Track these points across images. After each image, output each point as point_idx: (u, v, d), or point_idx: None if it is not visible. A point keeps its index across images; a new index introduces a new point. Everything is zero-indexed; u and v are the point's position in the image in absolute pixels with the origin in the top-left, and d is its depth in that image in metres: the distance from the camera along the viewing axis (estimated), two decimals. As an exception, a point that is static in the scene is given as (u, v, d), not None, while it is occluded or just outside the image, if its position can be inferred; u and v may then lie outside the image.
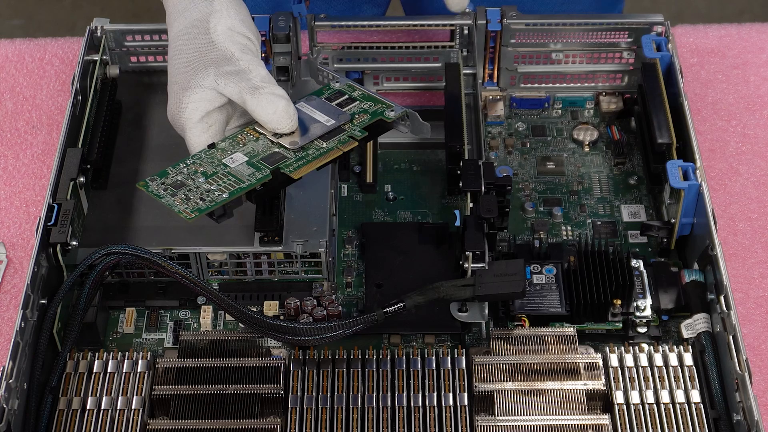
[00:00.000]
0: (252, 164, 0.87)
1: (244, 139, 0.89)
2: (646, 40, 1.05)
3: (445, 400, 0.87)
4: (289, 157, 0.88)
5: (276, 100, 0.88)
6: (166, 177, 0.87)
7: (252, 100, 0.87)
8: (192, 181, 0.86)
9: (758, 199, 1.07)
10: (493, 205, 0.93)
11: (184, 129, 0.89)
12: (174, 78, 0.90)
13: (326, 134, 0.90)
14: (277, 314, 0.95)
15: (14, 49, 1.21)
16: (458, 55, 1.08)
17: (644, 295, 0.93)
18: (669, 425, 0.85)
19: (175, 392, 0.87)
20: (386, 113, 0.92)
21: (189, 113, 0.88)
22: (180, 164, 0.88)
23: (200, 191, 0.85)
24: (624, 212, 1.03)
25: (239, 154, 0.88)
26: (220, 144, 0.89)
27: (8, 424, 0.83)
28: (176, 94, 0.89)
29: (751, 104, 1.15)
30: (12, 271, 1.02)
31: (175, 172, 0.87)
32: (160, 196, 0.86)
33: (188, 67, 0.89)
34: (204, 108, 0.88)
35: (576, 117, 1.12)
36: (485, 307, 0.92)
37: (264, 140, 0.89)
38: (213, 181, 0.86)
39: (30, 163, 1.11)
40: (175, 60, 0.91)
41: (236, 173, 0.86)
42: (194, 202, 0.85)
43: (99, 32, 1.08)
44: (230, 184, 0.86)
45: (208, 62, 0.89)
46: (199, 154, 0.88)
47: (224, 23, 0.90)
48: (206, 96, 0.88)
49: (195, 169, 0.87)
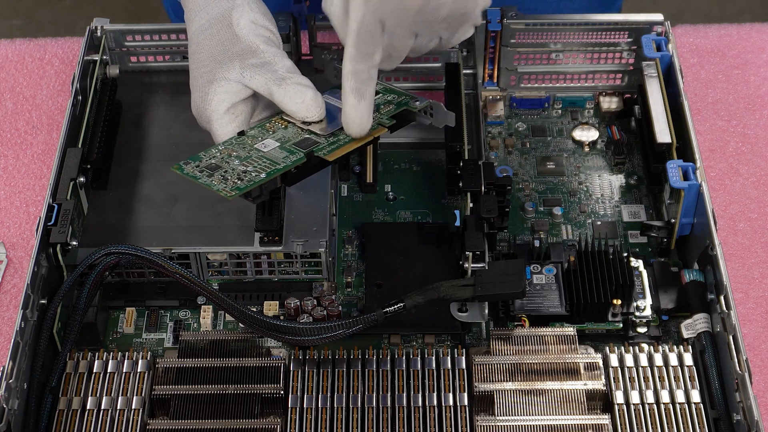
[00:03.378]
0: (285, 149, 0.88)
1: (273, 127, 0.91)
2: (646, 40, 1.05)
3: (445, 400, 0.87)
4: (321, 141, 0.89)
5: (303, 90, 0.89)
6: (200, 161, 0.88)
7: (279, 91, 0.89)
8: (227, 164, 0.87)
9: (758, 199, 1.07)
10: (493, 205, 0.93)
11: (210, 121, 0.90)
12: (198, 72, 0.91)
13: None
14: (277, 314, 0.95)
15: (14, 49, 1.21)
16: (458, 55, 1.08)
17: (644, 295, 0.93)
18: (669, 425, 0.85)
19: (175, 392, 0.87)
20: (411, 104, 0.94)
21: (215, 105, 0.89)
22: (212, 150, 0.89)
23: (237, 172, 0.86)
24: (624, 212, 1.03)
25: (270, 140, 0.89)
26: (250, 132, 0.90)
27: (8, 424, 0.83)
28: (201, 87, 0.90)
29: (751, 104, 1.15)
30: (12, 271, 1.02)
31: (209, 156, 0.88)
32: (197, 177, 0.87)
33: (213, 61, 0.90)
34: (230, 100, 0.89)
35: (576, 117, 1.12)
36: (485, 307, 0.92)
37: (293, 128, 0.91)
38: (248, 164, 0.87)
39: (30, 163, 1.11)
40: (199, 55, 0.92)
41: (270, 156, 0.88)
42: (232, 182, 0.86)
43: (99, 32, 1.08)
44: (266, 166, 0.87)
45: (232, 55, 0.90)
46: (230, 140, 0.89)
47: (247, 17, 0.92)
48: (232, 88, 0.89)
49: (228, 153, 0.88)
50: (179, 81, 1.08)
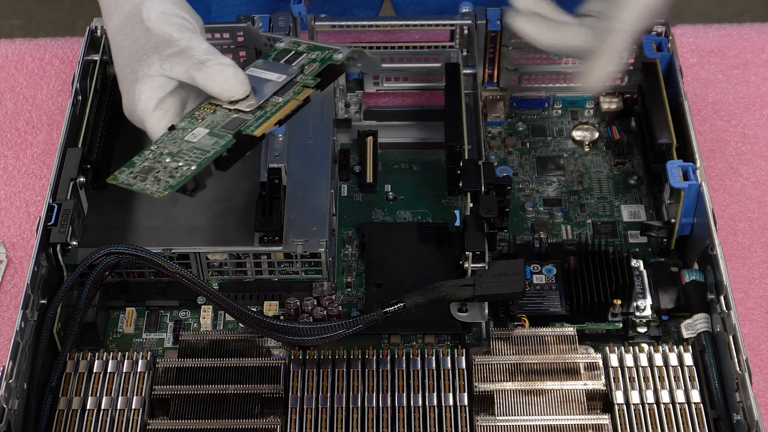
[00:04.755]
0: (214, 134, 0.86)
1: (201, 114, 0.88)
2: (646, 40, 1.05)
3: (445, 400, 0.87)
4: (248, 118, 0.87)
5: (224, 69, 0.87)
6: (133, 167, 0.86)
7: (200, 75, 0.87)
8: (159, 164, 0.85)
9: (758, 199, 1.07)
10: (493, 205, 0.93)
11: (142, 121, 0.88)
12: (122, 74, 0.89)
13: (280, 90, 0.89)
14: (277, 314, 0.95)
15: (14, 49, 1.21)
16: (458, 55, 1.08)
17: (644, 295, 0.93)
18: (669, 425, 0.85)
19: (175, 392, 0.87)
20: (334, 57, 0.91)
21: (143, 104, 0.87)
22: (145, 152, 0.86)
23: (168, 170, 0.84)
24: (624, 212, 1.03)
25: (200, 128, 0.87)
26: (179, 124, 0.88)
27: (8, 424, 0.83)
28: (127, 89, 0.88)
29: (751, 104, 1.15)
30: (12, 271, 1.02)
31: (142, 160, 0.86)
32: (131, 185, 0.84)
33: (132, 60, 0.88)
34: (157, 96, 0.87)
35: (576, 117, 1.12)
36: (485, 307, 0.92)
37: (221, 110, 0.88)
38: (179, 158, 0.85)
39: (30, 163, 1.11)
40: (119, 57, 0.90)
41: (200, 146, 0.85)
42: (164, 181, 0.83)
43: (99, 32, 1.08)
44: (196, 157, 0.85)
45: (149, 50, 0.88)
46: (161, 138, 0.87)
47: (156, 8, 0.89)
48: (156, 84, 0.87)
49: (160, 152, 0.86)
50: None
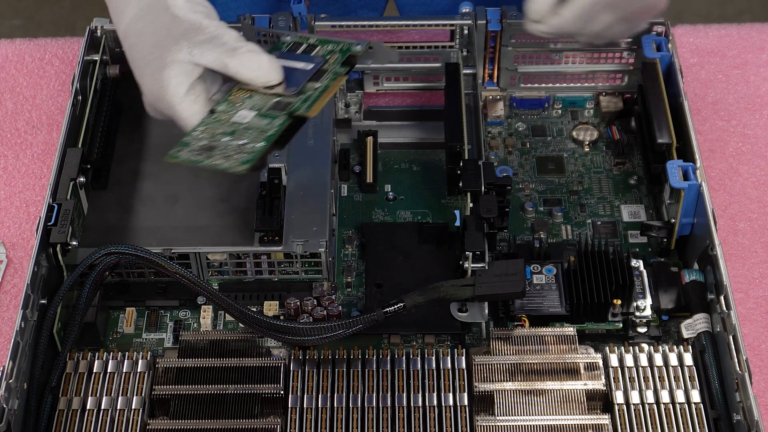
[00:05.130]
0: (265, 115, 0.86)
1: (236, 99, 0.88)
2: (646, 40, 1.05)
3: (445, 400, 0.87)
4: (293, 101, 0.87)
5: (258, 56, 0.87)
6: (187, 146, 0.85)
7: (234, 62, 0.86)
8: (218, 143, 0.85)
9: (758, 199, 1.07)
10: (493, 205, 0.93)
11: (172, 106, 0.87)
12: (144, 61, 0.88)
13: (313, 77, 0.89)
14: (277, 314, 0.95)
15: (14, 49, 1.21)
16: (458, 55, 1.08)
17: (644, 295, 0.93)
18: (669, 425, 0.85)
19: (175, 392, 0.87)
20: (353, 48, 0.92)
21: (174, 90, 0.87)
22: (194, 133, 0.86)
23: (233, 148, 0.84)
24: (624, 212, 1.03)
25: (243, 111, 0.87)
26: (218, 108, 0.88)
27: (8, 424, 0.83)
28: (153, 75, 0.87)
29: (751, 104, 1.15)
30: (12, 271, 1.02)
31: (196, 139, 0.86)
32: (199, 161, 0.84)
33: (158, 47, 0.88)
34: (187, 82, 0.87)
35: (576, 117, 1.12)
36: (485, 307, 0.92)
37: (257, 95, 0.88)
38: (239, 138, 0.85)
39: (30, 163, 1.11)
40: (140, 43, 0.89)
41: (255, 126, 0.86)
42: (236, 157, 0.84)
43: (99, 32, 1.08)
44: (257, 135, 0.85)
45: (177, 37, 0.87)
46: (204, 121, 0.87)
47: None
48: (185, 70, 0.87)
49: (211, 133, 0.86)
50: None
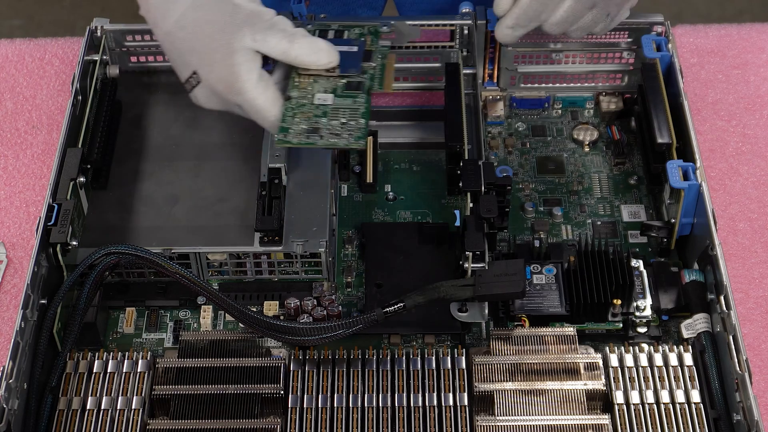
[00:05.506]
0: (343, 96, 0.91)
1: (303, 84, 0.92)
2: (646, 40, 1.05)
3: (445, 400, 0.87)
4: (363, 79, 0.92)
5: (314, 40, 0.91)
6: (288, 132, 0.89)
7: (294, 47, 0.90)
8: (319, 124, 0.89)
9: (758, 199, 1.07)
10: (493, 205, 0.93)
11: (244, 91, 0.89)
12: (209, 48, 0.90)
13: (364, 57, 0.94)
14: (277, 314, 0.95)
15: (14, 49, 1.21)
16: (458, 55, 1.08)
17: (644, 295, 0.93)
18: (669, 425, 0.85)
19: (175, 392, 0.87)
20: (380, 29, 0.97)
21: (246, 75, 0.89)
22: (286, 119, 0.90)
23: (337, 127, 0.89)
24: (624, 212, 1.03)
25: (320, 94, 0.91)
26: (292, 94, 0.91)
27: (8, 424, 0.83)
28: (223, 61, 0.89)
29: (751, 104, 1.15)
30: (12, 271, 1.02)
31: (296, 123, 0.89)
32: (312, 143, 0.89)
33: (223, 33, 0.89)
34: (256, 68, 0.90)
35: (576, 117, 1.12)
36: (485, 307, 0.92)
37: (321, 78, 0.92)
38: (335, 117, 0.89)
39: (30, 163, 1.11)
40: (202, 32, 0.90)
41: (343, 105, 0.90)
42: (347, 134, 0.88)
43: (99, 32, 1.08)
44: (353, 113, 0.89)
45: (240, 24, 0.89)
46: (290, 106, 0.90)
47: None
48: (252, 56, 0.89)
49: (306, 116, 0.90)
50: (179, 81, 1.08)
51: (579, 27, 0.99)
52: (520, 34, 1.00)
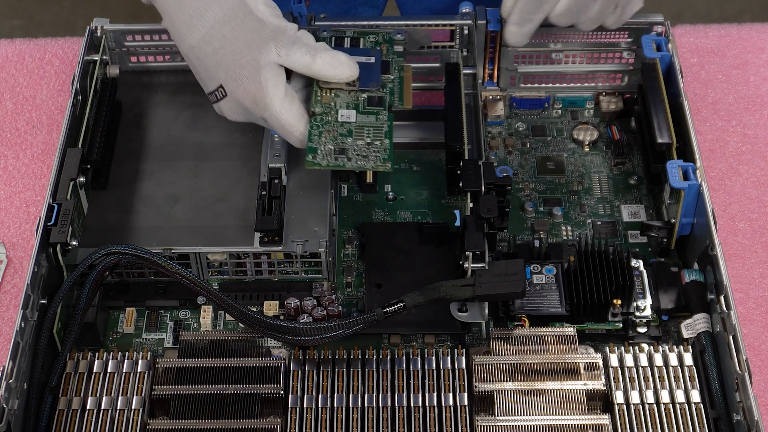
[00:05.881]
0: (365, 113, 0.92)
1: (326, 99, 0.94)
2: (646, 40, 1.05)
3: (445, 400, 0.87)
4: (383, 95, 0.93)
5: (335, 54, 0.93)
6: (316, 152, 0.91)
7: (316, 62, 0.92)
8: (346, 144, 0.91)
9: (758, 199, 1.07)
10: (493, 205, 0.93)
11: (270, 107, 0.91)
12: (237, 63, 0.91)
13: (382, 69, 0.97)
14: (277, 314, 0.95)
15: (14, 49, 1.21)
16: (458, 55, 1.08)
17: (644, 295, 0.93)
18: (669, 425, 0.85)
19: (175, 392, 0.87)
20: (394, 37, 0.99)
21: (273, 91, 0.91)
22: (313, 138, 0.92)
23: (363, 147, 0.91)
24: (624, 212, 1.03)
25: (342, 110, 0.93)
26: (316, 110, 0.93)
27: (8, 424, 0.83)
28: (250, 77, 0.91)
29: (751, 104, 1.15)
30: (12, 271, 1.02)
31: (321, 143, 0.91)
32: (340, 165, 0.91)
33: (251, 49, 0.91)
34: (282, 83, 0.92)
35: (576, 117, 1.12)
36: (485, 307, 0.92)
37: (341, 92, 0.94)
38: (360, 137, 0.91)
39: (30, 163, 1.11)
40: (229, 47, 0.92)
41: (365, 124, 0.92)
42: (373, 156, 0.90)
43: (99, 32, 1.08)
44: (377, 132, 0.91)
45: (266, 39, 0.91)
46: (314, 124, 0.92)
47: (259, 0, 0.93)
48: (277, 71, 0.91)
49: (332, 135, 0.91)
50: (179, 81, 1.08)
51: (588, 19, 1.00)
52: (528, 30, 1.00)
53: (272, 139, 0.99)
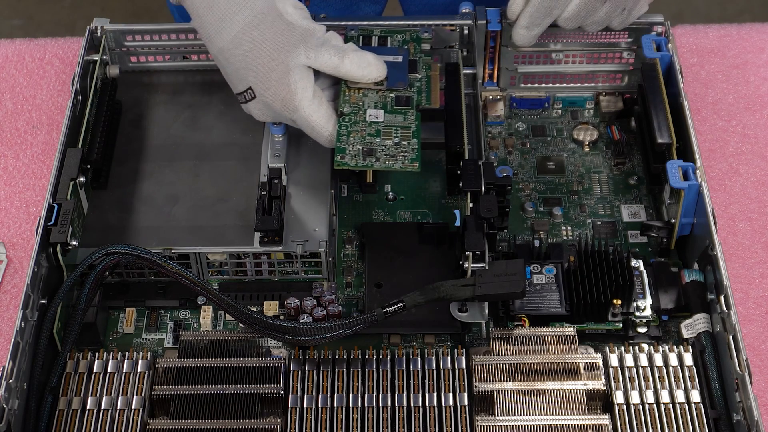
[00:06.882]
0: (392, 112, 0.93)
1: (354, 99, 0.94)
2: (646, 40, 1.05)
3: (445, 400, 0.87)
4: (410, 94, 0.94)
5: (363, 54, 0.94)
6: (345, 152, 0.92)
7: (345, 62, 0.93)
8: (373, 144, 0.91)
9: (758, 199, 1.07)
10: (493, 205, 0.93)
11: (299, 108, 0.92)
12: (267, 66, 0.92)
13: (410, 68, 0.97)
14: (277, 314, 0.95)
15: (14, 49, 1.21)
16: (458, 55, 1.08)
17: (644, 295, 0.93)
18: (669, 425, 0.85)
19: (175, 392, 0.87)
20: (421, 36, 1.01)
21: (302, 93, 0.92)
22: (342, 138, 0.92)
23: (391, 147, 0.91)
24: (624, 212, 1.03)
25: (371, 110, 0.93)
26: (344, 110, 0.94)
27: (8, 424, 0.83)
28: (280, 80, 0.92)
29: (751, 104, 1.15)
30: (12, 271, 1.02)
31: (350, 143, 0.92)
32: (368, 165, 0.91)
33: (280, 52, 0.92)
34: (310, 85, 0.93)
35: (576, 117, 1.12)
36: (485, 307, 0.92)
37: (369, 92, 0.95)
38: (389, 136, 0.92)
39: (30, 163, 1.11)
40: (260, 50, 0.92)
41: (393, 123, 0.92)
42: (401, 156, 0.91)
43: (99, 32, 1.08)
44: (404, 132, 0.92)
45: (296, 42, 0.92)
46: (342, 124, 0.93)
47: (288, 3, 0.94)
48: (305, 74, 0.92)
49: (360, 135, 0.92)
50: (179, 81, 1.08)
51: (594, 21, 1.00)
52: (536, 33, 1.01)
53: (272, 139, 0.99)
